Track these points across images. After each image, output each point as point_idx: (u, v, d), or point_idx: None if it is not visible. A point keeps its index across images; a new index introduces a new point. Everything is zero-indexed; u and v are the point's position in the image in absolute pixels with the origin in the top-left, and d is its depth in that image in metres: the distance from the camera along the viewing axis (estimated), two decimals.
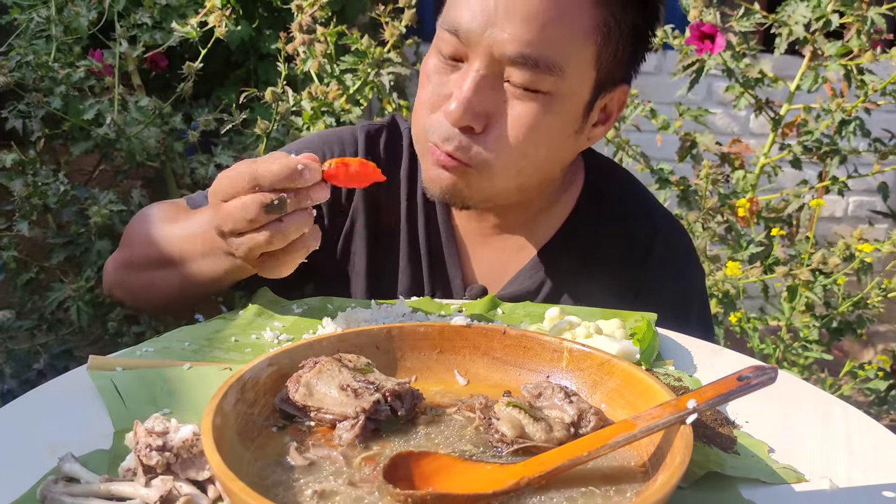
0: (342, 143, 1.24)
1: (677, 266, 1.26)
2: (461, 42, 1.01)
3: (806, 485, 0.71)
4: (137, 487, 0.61)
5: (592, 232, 1.22)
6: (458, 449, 0.68)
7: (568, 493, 0.61)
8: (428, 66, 1.08)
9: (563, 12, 0.99)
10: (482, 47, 0.99)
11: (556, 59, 0.99)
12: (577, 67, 1.02)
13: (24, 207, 1.83)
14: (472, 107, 1.01)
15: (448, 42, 1.03)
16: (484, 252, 1.23)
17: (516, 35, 0.98)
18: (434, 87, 1.06)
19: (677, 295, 1.24)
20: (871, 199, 3.75)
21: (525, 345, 0.81)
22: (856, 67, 2.13)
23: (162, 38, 2.13)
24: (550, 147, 1.08)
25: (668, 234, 1.26)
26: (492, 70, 1.01)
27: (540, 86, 1.01)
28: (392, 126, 1.28)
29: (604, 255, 1.22)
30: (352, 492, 0.61)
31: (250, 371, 0.70)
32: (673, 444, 0.63)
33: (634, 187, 1.31)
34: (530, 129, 1.03)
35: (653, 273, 1.22)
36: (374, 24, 2.23)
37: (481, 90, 1.01)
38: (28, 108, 1.91)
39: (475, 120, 1.01)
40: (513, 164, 1.06)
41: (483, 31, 0.99)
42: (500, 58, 0.99)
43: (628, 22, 1.04)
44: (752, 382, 0.66)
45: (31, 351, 1.87)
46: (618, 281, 1.19)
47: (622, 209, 1.25)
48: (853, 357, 3.10)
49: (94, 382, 0.80)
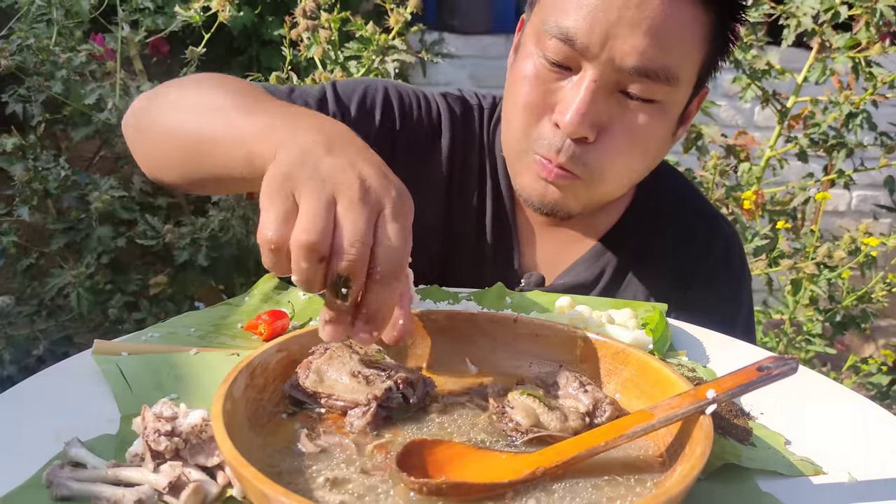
0: (428, 99, 1.22)
1: (734, 269, 1.26)
2: (575, 51, 0.98)
3: (824, 477, 0.70)
4: (146, 473, 0.60)
5: (651, 227, 1.22)
6: (471, 437, 0.67)
7: (593, 481, 0.60)
8: (525, 69, 1.04)
9: (681, 22, 0.98)
10: (601, 59, 0.97)
11: (675, 71, 0.99)
12: (687, 75, 1.03)
13: (25, 192, 1.81)
14: (588, 118, 0.99)
15: (557, 49, 0.99)
16: (543, 241, 1.23)
17: (639, 48, 0.96)
18: (539, 94, 1.03)
19: (730, 297, 1.24)
20: (875, 193, 3.74)
21: (537, 333, 0.80)
22: (864, 60, 2.12)
23: (164, 23, 2.11)
24: (656, 153, 1.09)
25: (729, 236, 1.27)
26: (607, 79, 0.99)
27: (655, 95, 1.01)
28: (468, 103, 1.26)
29: (662, 250, 1.22)
30: (365, 479, 0.59)
31: (259, 357, 0.69)
32: (692, 435, 0.61)
33: (692, 186, 1.33)
34: (642, 138, 1.03)
35: (712, 272, 1.22)
36: (379, 10, 2.21)
37: (597, 100, 0.99)
38: (29, 93, 1.89)
39: (591, 130, 1.00)
40: (623, 173, 1.07)
41: (603, 43, 0.96)
42: (619, 69, 0.97)
43: (726, 22, 1.03)
44: (772, 373, 0.65)
45: (30, 337, 1.86)
46: (674, 277, 1.20)
47: (683, 207, 1.26)
48: (855, 352, 3.10)
49: (100, 367, 0.78)
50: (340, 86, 1.19)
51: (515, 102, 1.06)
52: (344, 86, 1.19)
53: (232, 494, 0.61)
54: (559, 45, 0.99)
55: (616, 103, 1.01)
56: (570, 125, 0.99)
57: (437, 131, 1.22)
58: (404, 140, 1.19)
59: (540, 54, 1.02)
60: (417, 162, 1.20)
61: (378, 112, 1.18)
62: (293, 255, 0.62)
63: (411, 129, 1.20)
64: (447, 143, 1.21)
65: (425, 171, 1.21)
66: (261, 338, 0.88)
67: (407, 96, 1.21)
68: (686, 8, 0.98)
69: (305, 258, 0.61)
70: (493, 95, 1.29)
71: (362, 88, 1.19)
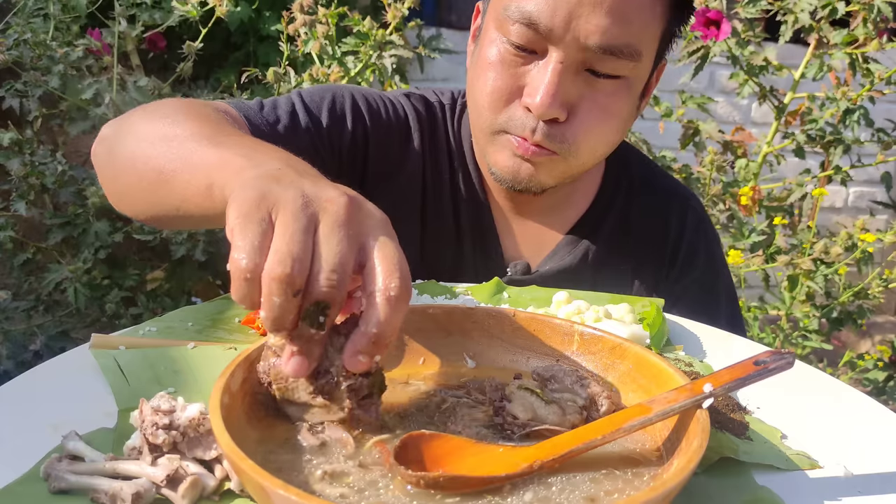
0: (394, 102, 1.23)
1: (709, 235, 1.31)
2: (539, 34, 1.00)
3: (820, 471, 0.70)
4: (143, 466, 0.60)
5: (625, 204, 1.26)
6: (468, 431, 0.67)
7: (591, 475, 0.60)
8: (490, 55, 1.05)
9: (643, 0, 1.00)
10: (565, 40, 0.99)
11: (637, 46, 1.01)
12: (649, 49, 1.05)
13: (22, 187, 1.81)
14: (558, 99, 1.01)
15: (521, 34, 1.01)
16: (521, 228, 1.25)
17: (601, 26, 0.98)
18: (506, 79, 1.04)
19: (709, 265, 1.29)
20: (872, 189, 3.74)
21: (535, 327, 0.80)
22: (861, 56, 2.12)
23: (161, 18, 2.11)
24: (624, 127, 1.11)
25: (697, 207, 1.31)
26: (573, 59, 1.00)
27: (620, 71, 1.03)
28: (429, 101, 1.27)
29: (640, 225, 1.26)
30: (363, 473, 0.59)
31: (257, 350, 0.69)
32: (689, 429, 0.62)
33: (651, 163, 1.37)
34: (612, 113, 1.06)
35: (692, 245, 1.27)
36: (377, 6, 2.21)
37: (564, 81, 1.01)
38: (25, 87, 1.89)
39: (561, 111, 1.02)
40: (596, 147, 1.09)
41: (567, 24, 0.98)
42: (584, 48, 0.99)
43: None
44: (769, 367, 0.65)
45: (27, 332, 1.85)
46: (656, 251, 1.25)
47: (651, 183, 1.30)
48: (851, 348, 3.10)
49: (97, 361, 0.78)
50: (307, 95, 1.19)
51: (483, 89, 1.07)
52: (311, 94, 1.19)
53: (230, 488, 0.61)
54: (522, 30, 1.00)
55: (583, 82, 1.03)
56: (541, 107, 1.01)
57: (407, 133, 1.23)
58: (378, 143, 1.20)
59: (504, 40, 1.03)
60: (394, 164, 1.21)
61: (349, 117, 1.18)
62: (264, 289, 0.55)
63: (383, 132, 1.21)
64: (417, 142, 1.22)
65: (401, 173, 1.22)
66: (258, 332, 0.88)
67: (374, 100, 1.22)
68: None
69: (279, 291, 0.55)
70: (451, 91, 1.30)
71: (330, 95, 1.19)
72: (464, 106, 1.26)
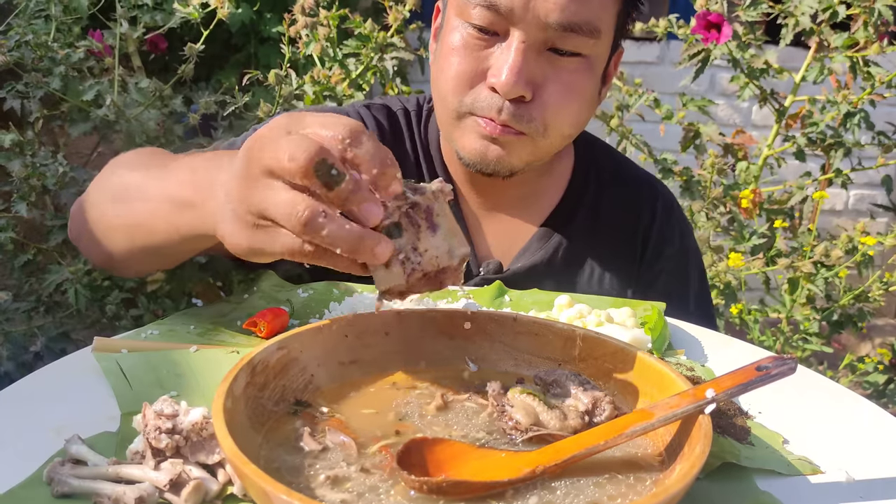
0: None
1: (680, 222, 1.33)
2: (500, 16, 1.01)
3: (822, 476, 0.70)
4: (146, 470, 0.60)
5: (595, 197, 1.28)
6: (470, 436, 0.67)
7: (594, 480, 0.60)
8: (453, 41, 1.07)
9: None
10: (526, 19, 1.00)
11: (596, 23, 1.03)
12: (607, 28, 1.07)
13: (23, 188, 1.81)
14: (523, 76, 1.02)
15: (482, 16, 1.02)
16: (493, 225, 1.25)
17: (561, 4, 0.99)
18: (470, 62, 1.06)
19: (680, 252, 1.31)
20: (872, 192, 3.74)
21: (537, 332, 0.80)
22: (862, 59, 2.12)
23: (162, 20, 2.10)
24: (588, 108, 1.12)
25: (666, 195, 1.34)
26: (535, 38, 1.02)
27: (582, 49, 1.05)
28: (391, 109, 1.28)
29: (610, 218, 1.27)
30: (365, 478, 0.59)
31: (260, 354, 0.69)
32: (691, 434, 0.62)
33: (619, 154, 1.40)
34: (577, 92, 1.07)
35: (662, 233, 1.29)
36: (378, 8, 2.21)
37: (528, 60, 1.02)
38: (27, 89, 1.89)
39: (526, 89, 1.03)
40: (563, 127, 1.10)
41: (527, 3, 0.99)
42: (545, 27, 1.01)
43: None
44: (771, 372, 0.65)
45: (27, 333, 1.85)
46: (627, 245, 1.27)
47: (620, 174, 1.32)
48: (851, 351, 3.11)
49: (100, 364, 0.78)
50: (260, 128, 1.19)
51: (447, 76, 1.08)
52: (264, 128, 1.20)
53: (232, 492, 0.61)
54: (484, 12, 1.02)
55: (546, 61, 1.05)
56: (507, 86, 1.02)
57: None
58: None
59: (466, 24, 1.05)
60: None
61: None
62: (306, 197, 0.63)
63: None
64: None
65: None
66: (261, 335, 0.88)
67: None
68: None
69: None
70: (415, 97, 1.31)
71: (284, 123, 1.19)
72: (430, 111, 1.27)
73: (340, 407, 0.70)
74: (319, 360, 0.74)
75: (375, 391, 0.74)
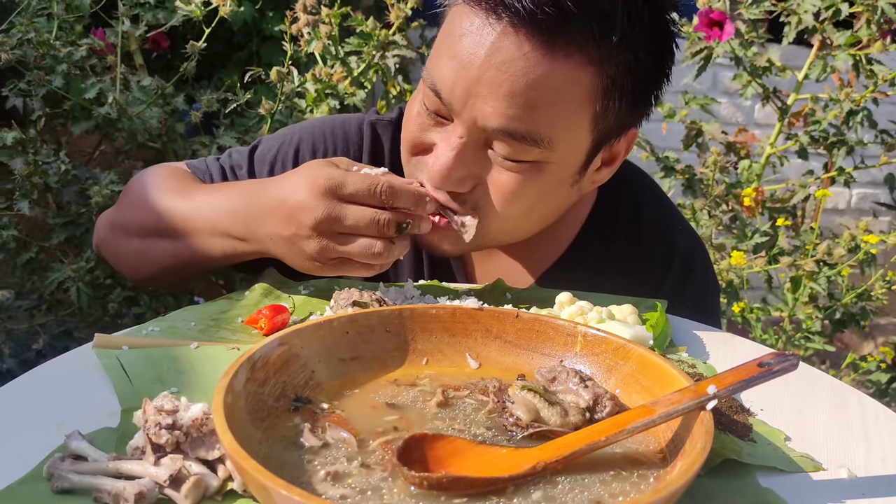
0: (347, 140, 1.20)
1: (696, 282, 1.21)
2: (444, 105, 0.95)
3: (824, 473, 0.70)
4: (147, 466, 0.60)
5: (605, 249, 1.18)
6: (471, 432, 0.67)
7: (595, 476, 0.60)
8: (413, 106, 1.02)
9: (552, 86, 0.91)
10: (464, 117, 0.94)
11: (544, 133, 0.93)
12: (568, 136, 0.96)
13: (25, 186, 1.81)
14: (453, 174, 0.96)
15: (431, 99, 0.97)
16: (491, 270, 1.18)
17: (499, 109, 0.91)
18: (418, 134, 1.01)
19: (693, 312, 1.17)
20: (875, 191, 3.74)
21: (538, 328, 0.80)
22: (865, 57, 2.11)
23: (165, 18, 2.10)
24: (544, 205, 1.03)
25: (687, 252, 1.22)
26: (475, 137, 0.95)
27: (525, 157, 0.95)
28: (399, 123, 1.19)
29: (619, 270, 1.16)
30: (365, 474, 0.59)
31: (260, 350, 0.69)
32: (692, 431, 0.62)
33: (654, 199, 1.26)
34: (515, 196, 0.98)
35: (671, 290, 1.17)
36: (380, 6, 2.21)
37: (464, 156, 0.95)
38: (29, 87, 1.89)
39: (458, 185, 0.97)
40: (503, 226, 1.02)
41: (465, 101, 0.93)
42: (483, 129, 0.93)
43: (637, 71, 0.96)
44: (773, 369, 0.65)
45: (30, 331, 1.86)
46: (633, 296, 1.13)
47: (638, 226, 1.20)
48: (854, 349, 3.10)
49: (101, 361, 0.78)
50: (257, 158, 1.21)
51: (403, 134, 1.05)
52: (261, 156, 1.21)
53: (232, 488, 0.61)
54: (432, 97, 0.96)
55: (487, 159, 0.97)
56: (434, 181, 0.97)
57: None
58: None
59: (422, 96, 0.99)
60: None
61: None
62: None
63: None
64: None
65: None
66: (261, 332, 0.88)
67: (321, 143, 1.20)
68: (559, 69, 0.90)
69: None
70: (399, 108, 1.24)
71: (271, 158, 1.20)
72: None
73: (341, 403, 0.70)
74: (320, 357, 0.74)
75: (376, 387, 0.74)
